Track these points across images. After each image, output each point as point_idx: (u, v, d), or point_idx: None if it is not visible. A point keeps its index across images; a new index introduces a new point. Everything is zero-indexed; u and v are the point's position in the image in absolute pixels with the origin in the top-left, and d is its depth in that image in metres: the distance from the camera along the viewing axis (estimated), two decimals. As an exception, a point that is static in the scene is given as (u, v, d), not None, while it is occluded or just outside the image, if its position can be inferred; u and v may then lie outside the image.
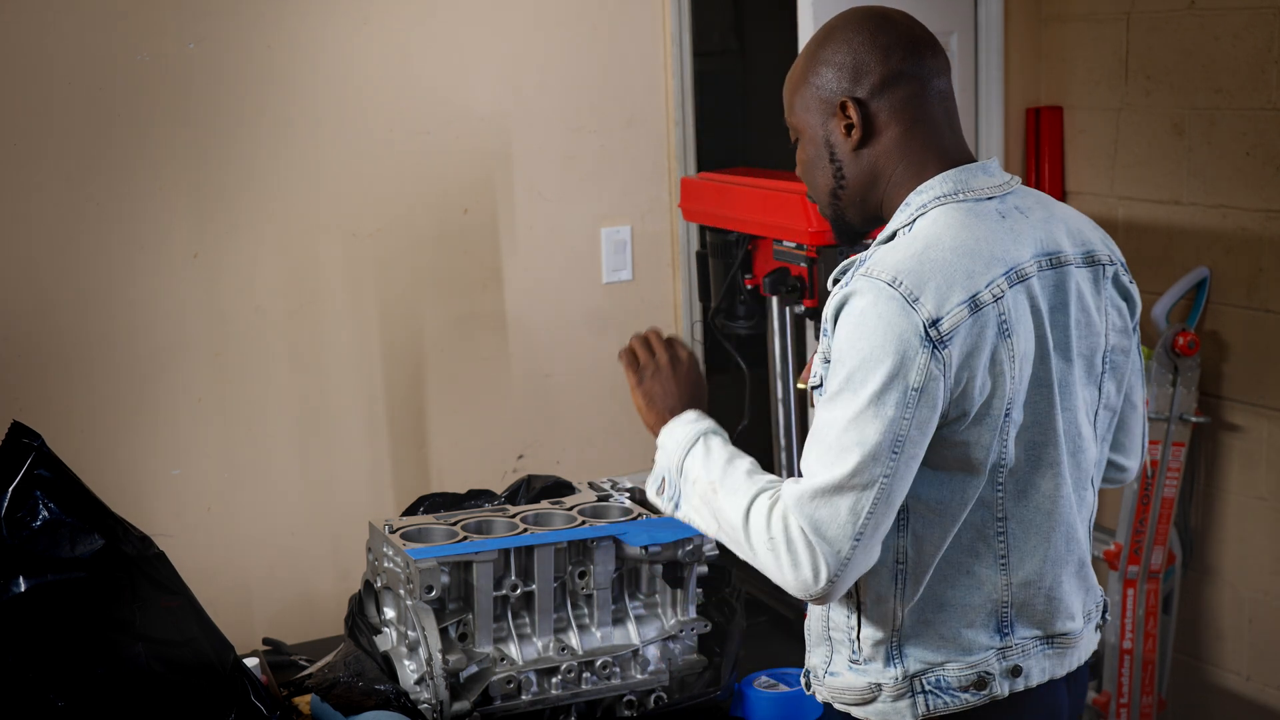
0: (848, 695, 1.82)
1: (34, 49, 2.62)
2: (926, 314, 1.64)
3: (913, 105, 1.78)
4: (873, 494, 1.64)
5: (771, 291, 2.54)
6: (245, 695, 1.93)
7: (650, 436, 3.50)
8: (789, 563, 1.66)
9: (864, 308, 1.66)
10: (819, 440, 1.68)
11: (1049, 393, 1.76)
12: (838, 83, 1.79)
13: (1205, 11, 3.36)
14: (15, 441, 1.86)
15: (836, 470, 1.64)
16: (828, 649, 1.86)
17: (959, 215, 1.74)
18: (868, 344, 1.64)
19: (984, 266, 1.70)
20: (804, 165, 1.87)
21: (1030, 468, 1.76)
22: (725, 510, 1.75)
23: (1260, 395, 3.39)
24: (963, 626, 1.77)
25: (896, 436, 1.64)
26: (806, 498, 1.66)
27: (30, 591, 1.81)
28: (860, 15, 1.82)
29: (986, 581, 1.77)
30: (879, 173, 1.81)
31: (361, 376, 3.02)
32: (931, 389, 1.64)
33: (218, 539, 2.88)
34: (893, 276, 1.66)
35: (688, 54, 3.35)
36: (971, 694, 1.77)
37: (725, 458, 1.80)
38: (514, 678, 2.14)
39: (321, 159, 2.93)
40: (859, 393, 1.64)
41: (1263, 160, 3.29)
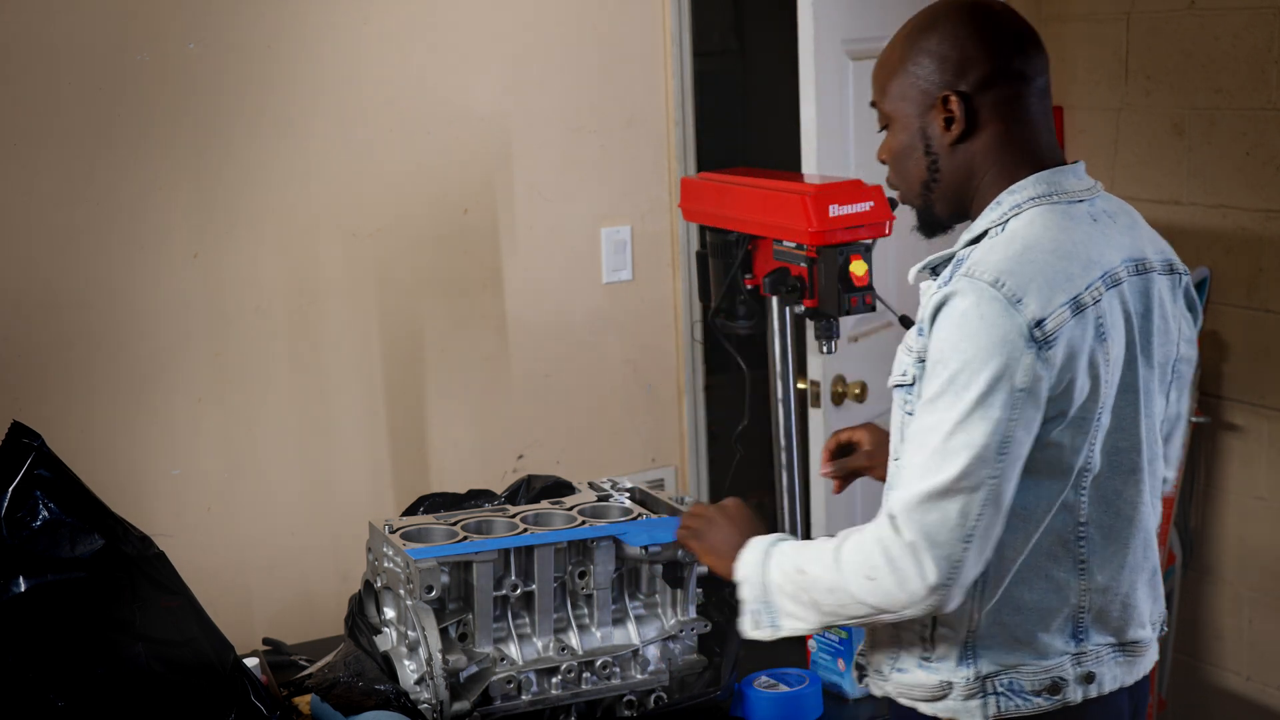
0: (916, 692, 1.81)
1: (34, 49, 2.61)
2: (1030, 315, 1.63)
3: (1015, 103, 1.76)
4: (981, 496, 1.63)
5: (771, 291, 2.53)
6: (245, 695, 1.93)
7: (649, 434, 3.51)
8: (894, 583, 1.65)
9: (966, 309, 1.64)
10: (923, 445, 1.65)
11: (1135, 399, 1.76)
12: (940, 75, 1.76)
13: (1205, 11, 3.36)
14: (15, 441, 1.86)
15: (944, 474, 1.63)
16: (895, 646, 1.84)
17: (1054, 217, 1.73)
18: (972, 345, 1.63)
19: (1082, 269, 1.69)
20: (894, 154, 1.84)
21: (1113, 473, 1.76)
22: (819, 579, 1.72)
23: (1260, 395, 3.39)
24: (1039, 630, 1.76)
25: (1004, 438, 1.63)
26: (915, 503, 1.64)
27: (30, 591, 1.81)
28: (966, 6, 1.79)
29: (1065, 586, 1.76)
30: (974, 169, 1.78)
31: (361, 376, 3.02)
32: (1036, 390, 1.64)
33: (218, 539, 2.88)
34: (995, 278, 1.65)
35: (688, 54, 3.35)
36: (1045, 698, 1.76)
37: (796, 547, 1.79)
38: (514, 678, 2.14)
39: (321, 159, 2.93)
40: (964, 394, 1.63)
41: (1263, 160, 3.29)
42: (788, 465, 2.73)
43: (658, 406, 3.39)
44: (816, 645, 2.34)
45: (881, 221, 2.47)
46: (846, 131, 3.23)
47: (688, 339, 3.39)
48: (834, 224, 2.42)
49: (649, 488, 2.45)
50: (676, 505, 2.34)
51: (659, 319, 3.37)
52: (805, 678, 2.27)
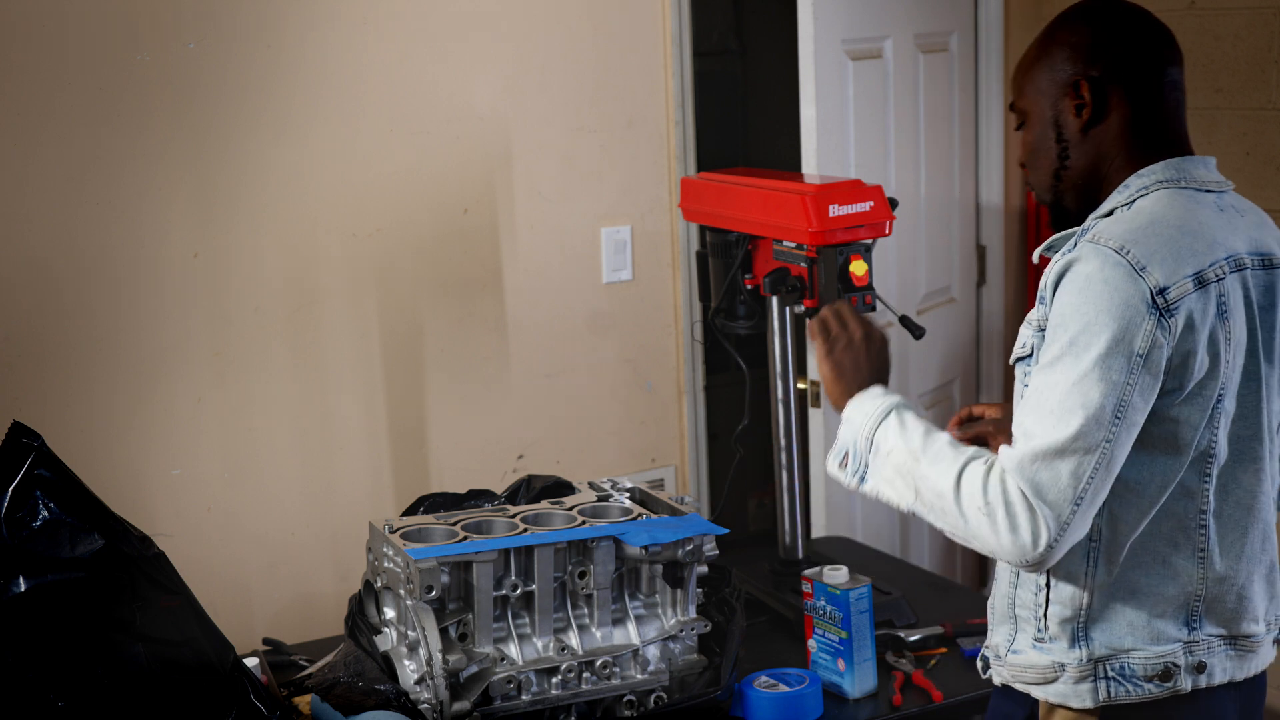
0: (1029, 674, 1.81)
1: (34, 49, 2.61)
2: (1154, 282, 1.65)
3: (1144, 90, 1.80)
4: (1094, 459, 1.65)
5: (771, 291, 2.53)
6: (245, 695, 1.93)
7: (649, 434, 3.51)
8: (1006, 527, 1.65)
9: (1090, 273, 1.67)
10: (1039, 404, 1.67)
11: (1258, 388, 1.77)
12: (1073, 63, 1.81)
13: (1205, 11, 3.36)
14: (15, 441, 1.86)
15: (1060, 433, 1.64)
16: (1011, 627, 1.85)
17: (1181, 199, 1.76)
18: (1093, 308, 1.65)
19: (1206, 248, 1.71)
20: (1028, 148, 1.88)
21: (1235, 461, 1.77)
22: (930, 478, 1.74)
23: (1260, 395, 3.38)
24: (1153, 616, 1.76)
25: (1120, 401, 1.64)
26: (1028, 460, 1.66)
27: (30, 591, 1.81)
28: (1101, 2, 1.84)
29: (1182, 573, 1.76)
30: (1102, 156, 1.82)
31: (361, 376, 3.02)
32: (1155, 357, 1.65)
33: (218, 539, 2.88)
34: (1120, 245, 1.67)
35: (688, 54, 3.35)
36: (1155, 685, 1.76)
37: (923, 429, 1.80)
38: (514, 678, 2.14)
39: (322, 159, 2.93)
40: (1083, 356, 1.65)
41: (1263, 160, 3.29)
42: (788, 465, 2.73)
43: (658, 406, 3.39)
44: (816, 645, 2.34)
45: (881, 221, 2.47)
46: (846, 131, 3.23)
47: (688, 339, 3.39)
48: (834, 224, 2.42)
49: (649, 488, 2.45)
50: (676, 505, 2.34)
51: (659, 319, 3.37)
52: (805, 678, 2.27)
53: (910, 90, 3.48)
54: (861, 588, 2.29)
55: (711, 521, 2.26)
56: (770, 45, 4.89)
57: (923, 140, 3.55)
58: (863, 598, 2.29)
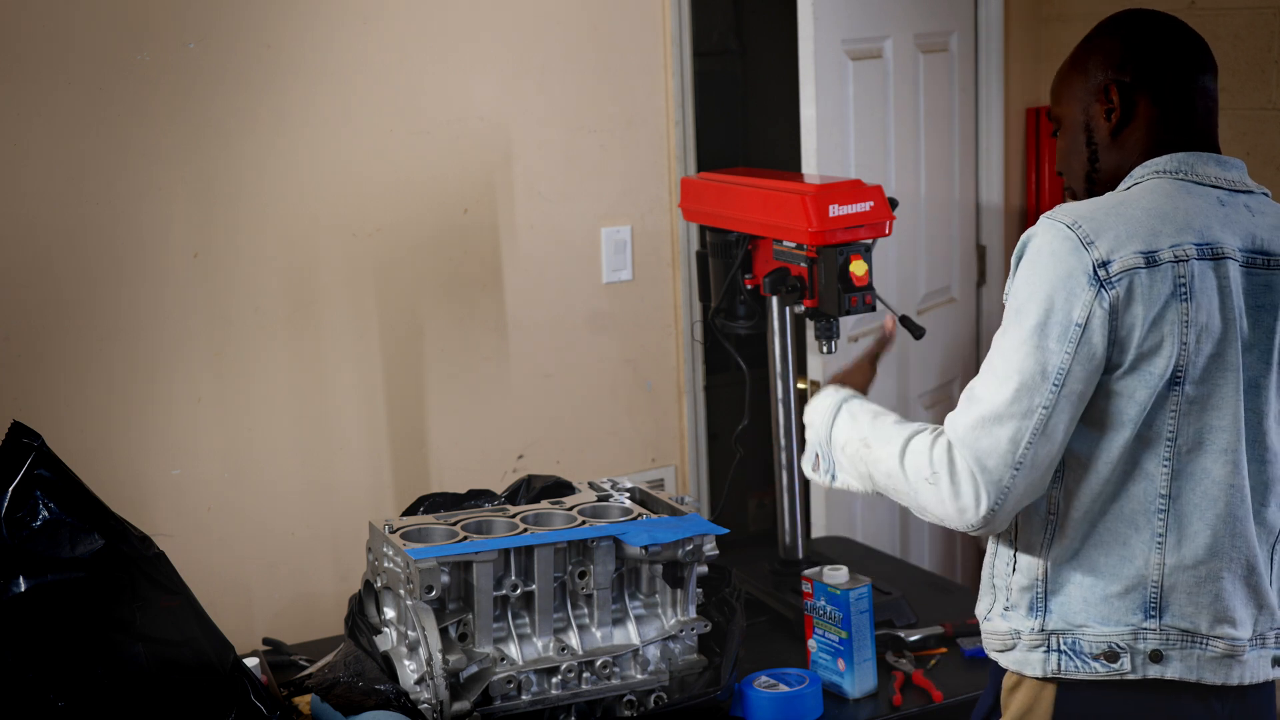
0: (993, 640, 1.87)
1: (34, 48, 2.61)
2: (1098, 255, 1.70)
3: (1173, 96, 1.83)
4: (1031, 424, 1.70)
5: (771, 291, 2.53)
6: (245, 695, 1.93)
7: (649, 434, 3.51)
8: (950, 493, 1.72)
9: (1039, 246, 1.73)
10: (986, 369, 1.74)
11: (1234, 379, 1.76)
12: (1104, 70, 1.85)
13: (1205, 11, 3.36)
14: (15, 441, 1.86)
15: (997, 398, 1.71)
16: (991, 596, 1.90)
17: (1170, 187, 1.78)
18: (1038, 279, 1.71)
19: (1172, 230, 1.73)
20: (1062, 154, 1.93)
21: (1200, 449, 1.76)
22: (881, 460, 1.82)
23: (1260, 395, 3.38)
24: (1108, 595, 1.78)
25: (1057, 369, 1.70)
26: (969, 426, 1.72)
27: (30, 591, 1.81)
28: (1133, 11, 1.88)
29: (1140, 556, 1.77)
30: (1127, 159, 1.85)
31: (361, 376, 3.02)
32: (1093, 326, 1.69)
33: (218, 539, 2.88)
34: (1073, 220, 1.72)
35: (688, 54, 3.35)
36: (1101, 664, 1.78)
37: (870, 414, 1.89)
38: (514, 678, 2.14)
39: (321, 159, 2.93)
40: (1023, 324, 1.71)
41: (1263, 160, 3.29)
42: (788, 465, 2.73)
43: (658, 406, 3.39)
44: (816, 645, 2.34)
45: (881, 221, 2.47)
46: (846, 131, 3.23)
47: (688, 339, 3.39)
48: (834, 224, 2.42)
49: (649, 488, 2.45)
50: (676, 505, 2.34)
51: (659, 319, 3.37)
52: (805, 678, 2.27)
53: (910, 90, 3.48)
54: (861, 588, 2.29)
55: (711, 521, 2.26)
56: (770, 45, 4.89)
57: (923, 140, 3.55)
58: (863, 598, 2.29)
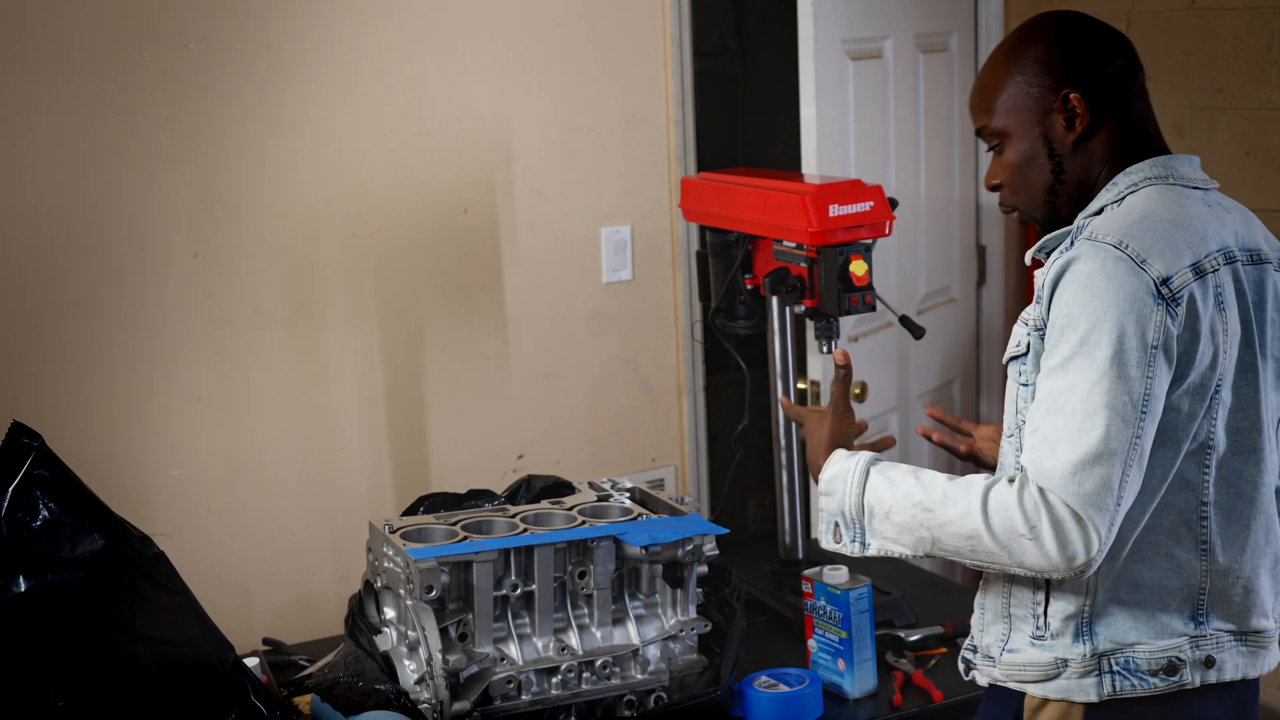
0: (1028, 672, 1.81)
1: (34, 48, 2.61)
2: (1157, 272, 1.66)
3: (1125, 97, 1.82)
4: (1126, 457, 1.64)
5: (771, 291, 2.54)
6: (245, 695, 1.93)
7: (649, 434, 3.51)
8: (1055, 544, 1.64)
9: (1092, 270, 1.66)
10: (1061, 409, 1.66)
11: (1255, 379, 1.77)
12: (1054, 77, 1.81)
13: (1205, 11, 3.36)
14: (15, 441, 1.86)
15: (1090, 438, 1.64)
16: (1005, 626, 1.84)
17: (1170, 195, 1.77)
18: (1100, 305, 1.65)
19: (1200, 240, 1.72)
20: (1014, 168, 1.86)
21: (1235, 453, 1.77)
22: (952, 522, 1.72)
23: (1260, 395, 3.38)
24: (1157, 609, 1.76)
25: (1143, 395, 1.64)
26: (1069, 473, 1.64)
27: (30, 591, 1.81)
28: (1059, 14, 1.86)
29: (1185, 566, 1.76)
30: (1093, 165, 1.83)
31: (361, 376, 3.02)
32: (1169, 346, 1.66)
33: (218, 539, 2.88)
34: (1119, 239, 1.68)
35: (688, 54, 3.35)
36: (1160, 679, 1.76)
37: (910, 475, 1.79)
38: (514, 678, 2.14)
39: (321, 159, 2.93)
40: (1096, 355, 1.64)
41: (1263, 160, 3.29)
42: (787, 465, 2.73)
43: (658, 406, 3.39)
44: (816, 645, 2.34)
45: (881, 221, 2.47)
46: (846, 131, 3.23)
47: (688, 339, 3.39)
48: (834, 224, 2.42)
49: (649, 488, 2.45)
50: (676, 505, 2.34)
51: (659, 319, 3.37)
52: (805, 678, 2.27)
53: (910, 90, 3.48)
54: (861, 588, 2.29)
55: (711, 521, 2.26)
56: (770, 45, 4.88)
57: (923, 140, 3.55)
58: (863, 598, 2.29)
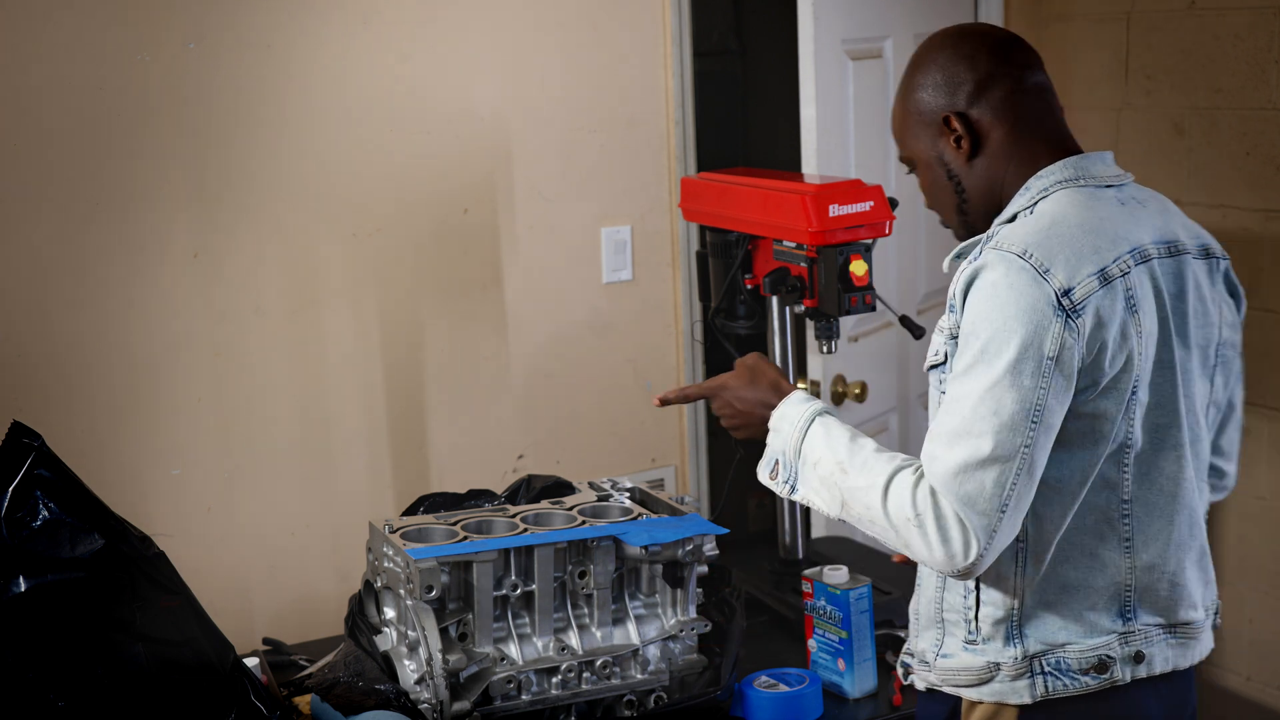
0: (962, 676, 1.83)
1: (34, 49, 2.61)
2: (1058, 284, 1.68)
3: (1011, 103, 1.83)
4: (1015, 465, 1.66)
5: (771, 291, 2.53)
6: (245, 695, 1.93)
7: (649, 434, 3.51)
8: (938, 539, 1.67)
9: (995, 280, 1.69)
10: (954, 413, 1.69)
11: (1172, 375, 1.79)
12: (935, 100, 1.85)
13: (1205, 11, 3.36)
14: (15, 441, 1.86)
15: (978, 443, 1.66)
16: (938, 631, 1.86)
17: (1081, 197, 1.79)
18: (1001, 315, 1.67)
19: (1109, 244, 1.74)
20: (927, 192, 1.93)
21: (1154, 449, 1.79)
22: (858, 490, 1.76)
23: (1260, 395, 3.39)
24: (1085, 609, 1.78)
25: (1035, 406, 1.66)
26: (951, 474, 1.67)
27: (30, 591, 1.81)
28: (940, 35, 1.89)
29: (1110, 564, 1.78)
30: (994, 175, 1.85)
31: (361, 376, 3.02)
32: (1066, 358, 1.67)
33: (218, 539, 2.88)
34: (1023, 249, 1.70)
35: (688, 54, 3.35)
36: (1092, 677, 1.78)
37: (848, 437, 1.82)
38: (514, 678, 2.14)
39: (321, 159, 2.93)
40: (994, 363, 1.67)
41: (1263, 160, 3.29)
42: (788, 465, 2.73)
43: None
44: (816, 645, 2.34)
45: (881, 221, 2.47)
46: (846, 131, 3.23)
47: (688, 339, 3.39)
48: (834, 224, 2.42)
49: (649, 488, 2.45)
50: (676, 505, 2.34)
51: (659, 319, 3.37)
52: (805, 678, 2.27)
53: (910, 90, 3.48)
54: (861, 588, 2.29)
55: (711, 521, 2.26)
56: (770, 45, 4.88)
57: (923, 140, 3.54)
58: (863, 598, 2.29)
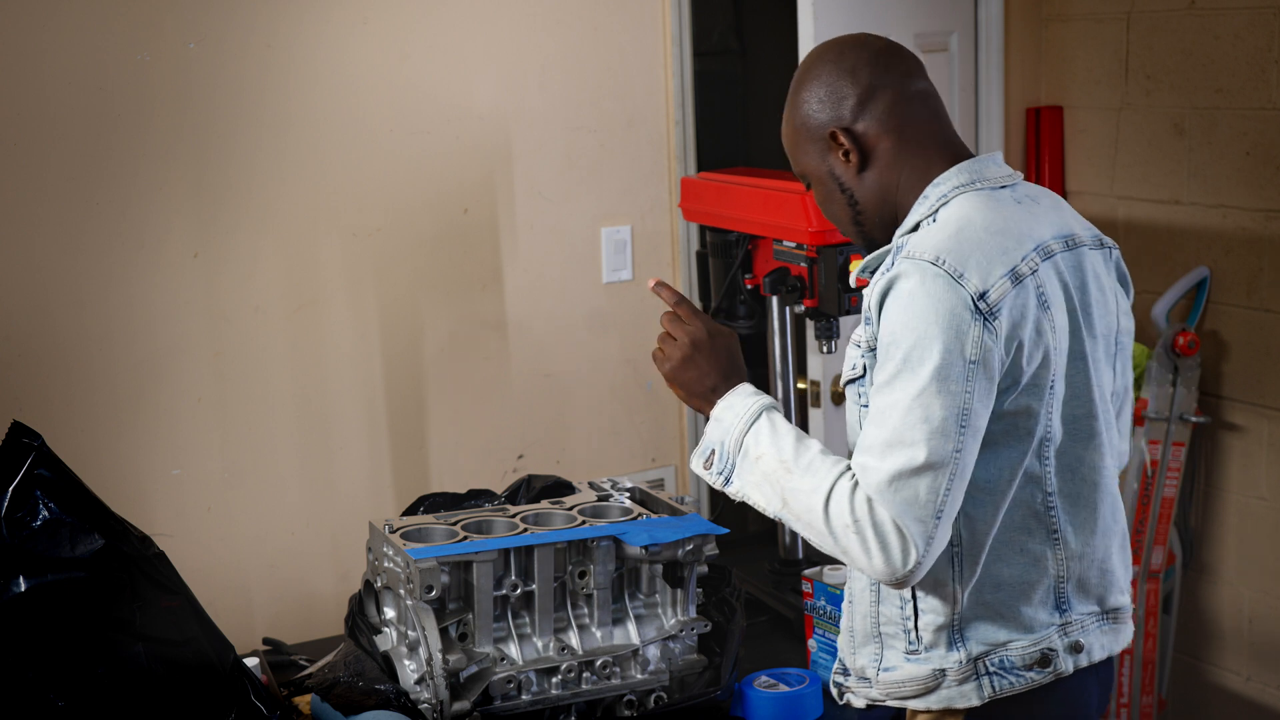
0: (908, 687, 1.83)
1: (34, 49, 2.62)
2: (973, 288, 1.68)
3: (895, 113, 1.83)
4: (948, 471, 1.67)
5: (771, 291, 2.54)
6: (245, 695, 1.93)
7: (649, 434, 3.51)
8: (877, 547, 1.67)
9: (912, 288, 1.69)
10: (883, 424, 1.68)
11: (1084, 366, 1.80)
12: (819, 117, 1.85)
13: (1205, 11, 3.36)
14: (15, 441, 1.86)
15: (909, 452, 1.66)
16: (877, 646, 1.86)
17: (981, 200, 1.79)
18: (922, 322, 1.67)
19: (1015, 243, 1.75)
20: (822, 205, 1.93)
21: (1073, 441, 1.80)
22: (800, 492, 1.74)
23: (1260, 395, 3.39)
24: (1022, 605, 1.79)
25: (962, 410, 1.67)
26: (886, 482, 1.67)
27: (30, 591, 1.81)
28: (821, 50, 1.90)
29: (1041, 558, 1.79)
30: (886, 185, 1.85)
31: (361, 376, 3.02)
32: (987, 360, 1.68)
33: (218, 539, 2.88)
34: (935, 256, 1.70)
35: (688, 54, 3.35)
36: (1036, 672, 1.79)
37: (794, 436, 1.80)
38: (514, 678, 2.14)
39: (321, 159, 2.93)
40: (919, 371, 1.67)
41: (1263, 160, 3.29)
42: (788, 465, 2.73)
43: (658, 406, 3.39)
44: (816, 645, 2.34)
45: (881, 221, 2.46)
46: (846, 131, 3.23)
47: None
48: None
49: (649, 488, 2.45)
50: (676, 505, 2.34)
51: (659, 319, 3.37)
52: (805, 678, 2.27)
53: (910, 90, 3.48)
54: None
55: (711, 521, 2.26)
56: (770, 45, 4.88)
57: (923, 140, 3.54)
58: None
